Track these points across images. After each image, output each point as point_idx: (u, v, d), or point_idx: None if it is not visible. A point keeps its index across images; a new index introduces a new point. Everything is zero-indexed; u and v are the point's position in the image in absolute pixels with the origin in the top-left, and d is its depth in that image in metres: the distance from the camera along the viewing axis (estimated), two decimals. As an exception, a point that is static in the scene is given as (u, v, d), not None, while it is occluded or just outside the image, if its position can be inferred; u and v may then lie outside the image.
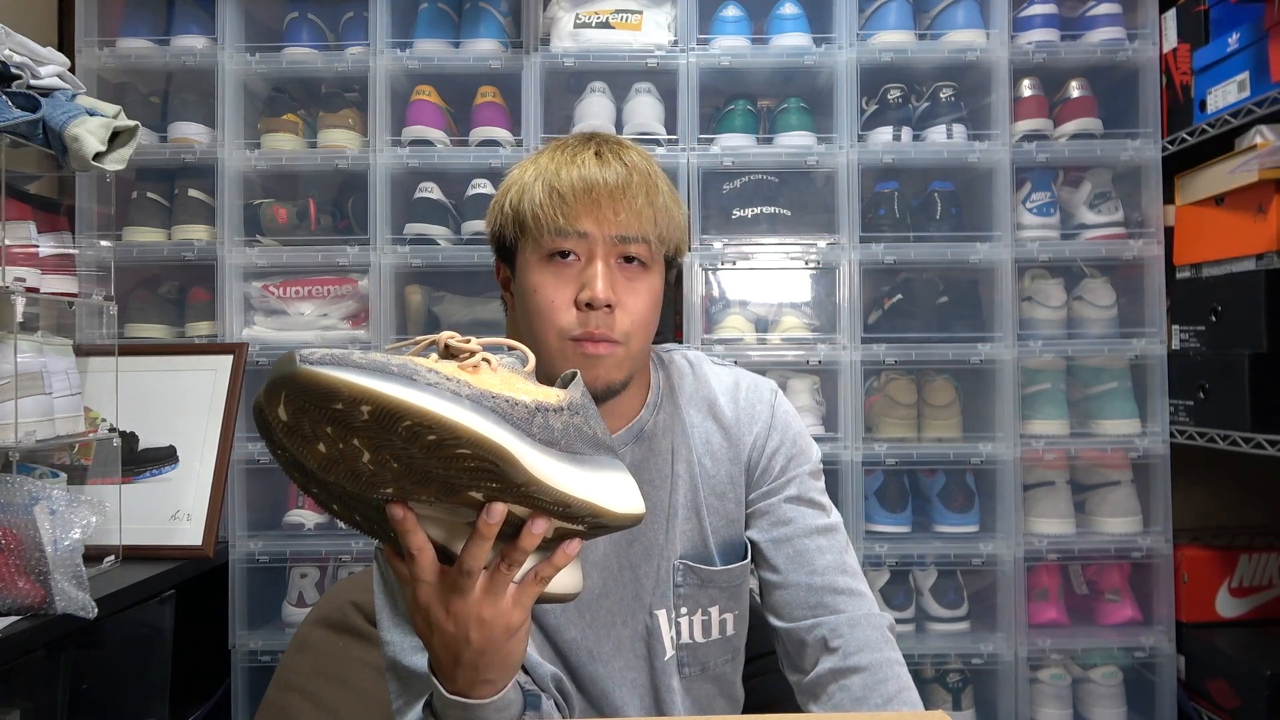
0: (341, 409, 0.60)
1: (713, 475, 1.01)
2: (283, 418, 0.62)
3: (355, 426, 0.61)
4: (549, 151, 0.94)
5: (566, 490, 0.67)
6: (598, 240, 0.89)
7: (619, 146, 0.94)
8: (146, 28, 1.97)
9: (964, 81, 2.00)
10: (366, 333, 1.94)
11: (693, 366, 1.06)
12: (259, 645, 1.87)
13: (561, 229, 0.89)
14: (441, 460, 0.63)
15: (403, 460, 0.63)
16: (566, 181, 0.89)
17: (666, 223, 0.92)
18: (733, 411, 1.02)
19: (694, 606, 1.00)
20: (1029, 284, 1.98)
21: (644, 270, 0.92)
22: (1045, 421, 1.93)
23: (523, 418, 0.66)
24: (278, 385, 0.61)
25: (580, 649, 0.98)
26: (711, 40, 1.96)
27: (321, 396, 0.60)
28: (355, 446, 0.63)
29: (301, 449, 0.64)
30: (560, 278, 0.90)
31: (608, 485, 0.71)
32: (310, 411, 0.61)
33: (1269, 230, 1.67)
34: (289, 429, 0.63)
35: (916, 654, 1.90)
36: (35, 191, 1.71)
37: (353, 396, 0.59)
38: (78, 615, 1.34)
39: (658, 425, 1.00)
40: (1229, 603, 1.96)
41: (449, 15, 1.99)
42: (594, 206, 0.89)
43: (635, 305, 0.91)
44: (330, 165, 1.95)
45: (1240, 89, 1.73)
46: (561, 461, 0.68)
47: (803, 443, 1.04)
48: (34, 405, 1.46)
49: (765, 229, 1.96)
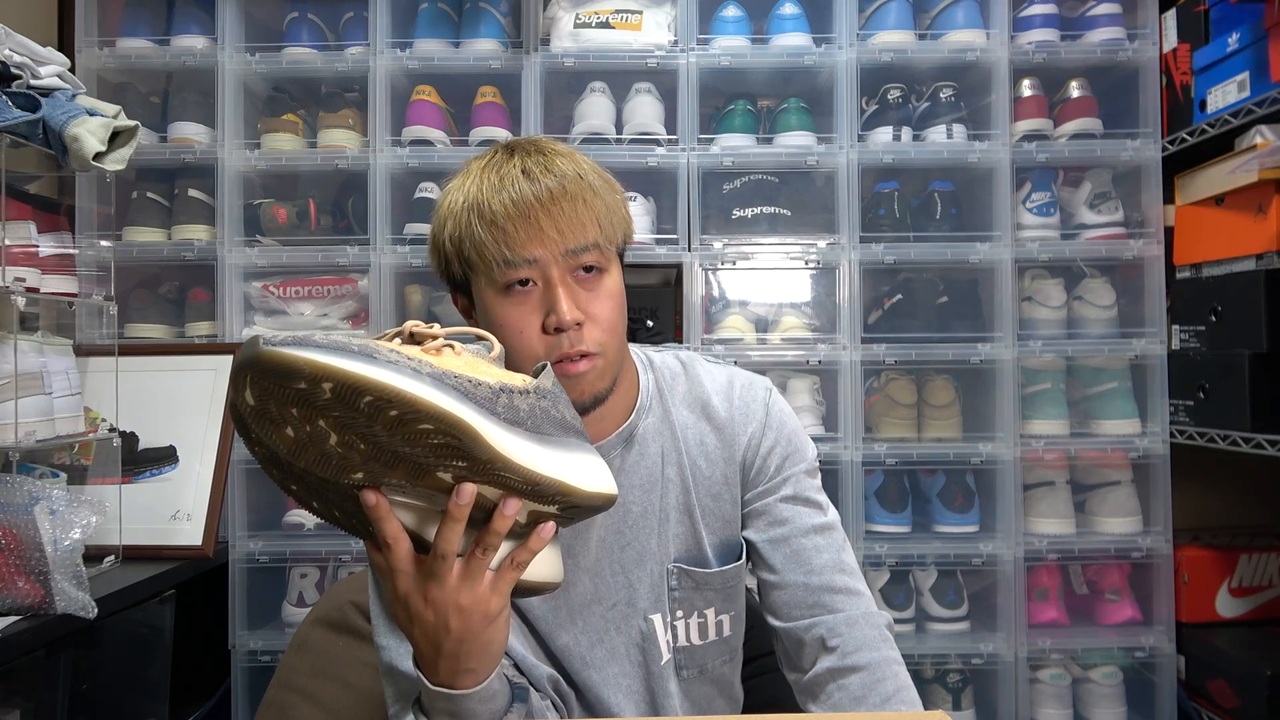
0: (304, 388, 0.62)
1: (707, 476, 1.00)
2: (249, 401, 0.64)
3: (319, 405, 0.63)
4: (474, 173, 0.90)
5: (534, 468, 0.68)
6: (550, 262, 0.87)
7: (543, 156, 0.90)
8: (146, 28, 1.97)
9: (964, 81, 2.00)
10: (366, 332, 1.93)
11: (685, 367, 1.04)
12: (259, 645, 1.87)
13: (510, 260, 0.86)
14: (405, 437, 0.64)
15: (368, 440, 0.65)
16: (500, 210, 0.86)
17: (610, 219, 0.90)
18: (727, 411, 1.01)
19: (690, 609, 1.00)
20: (1029, 284, 1.98)
21: (601, 275, 0.90)
22: (1045, 421, 1.93)
23: (486, 397, 0.68)
24: (243, 369, 0.63)
25: (573, 655, 0.98)
26: (711, 40, 1.96)
27: (284, 375, 0.61)
28: (322, 428, 0.64)
29: (271, 434, 0.65)
30: (523, 307, 0.88)
31: (576, 465, 0.71)
32: (275, 393, 0.63)
33: (1269, 230, 1.67)
34: (256, 413, 0.64)
35: (916, 654, 1.90)
36: (35, 191, 1.71)
37: (313, 374, 0.61)
38: (78, 615, 1.34)
39: (647, 429, 1.00)
40: (1229, 603, 1.96)
41: (449, 15, 1.99)
42: (536, 230, 0.86)
43: (602, 313, 0.89)
44: (330, 165, 1.95)
45: (1240, 89, 1.73)
46: (528, 440, 0.69)
47: (798, 441, 1.03)
48: (34, 405, 1.46)
49: (765, 229, 1.96)
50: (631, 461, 0.99)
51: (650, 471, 0.99)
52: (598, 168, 0.93)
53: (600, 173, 0.93)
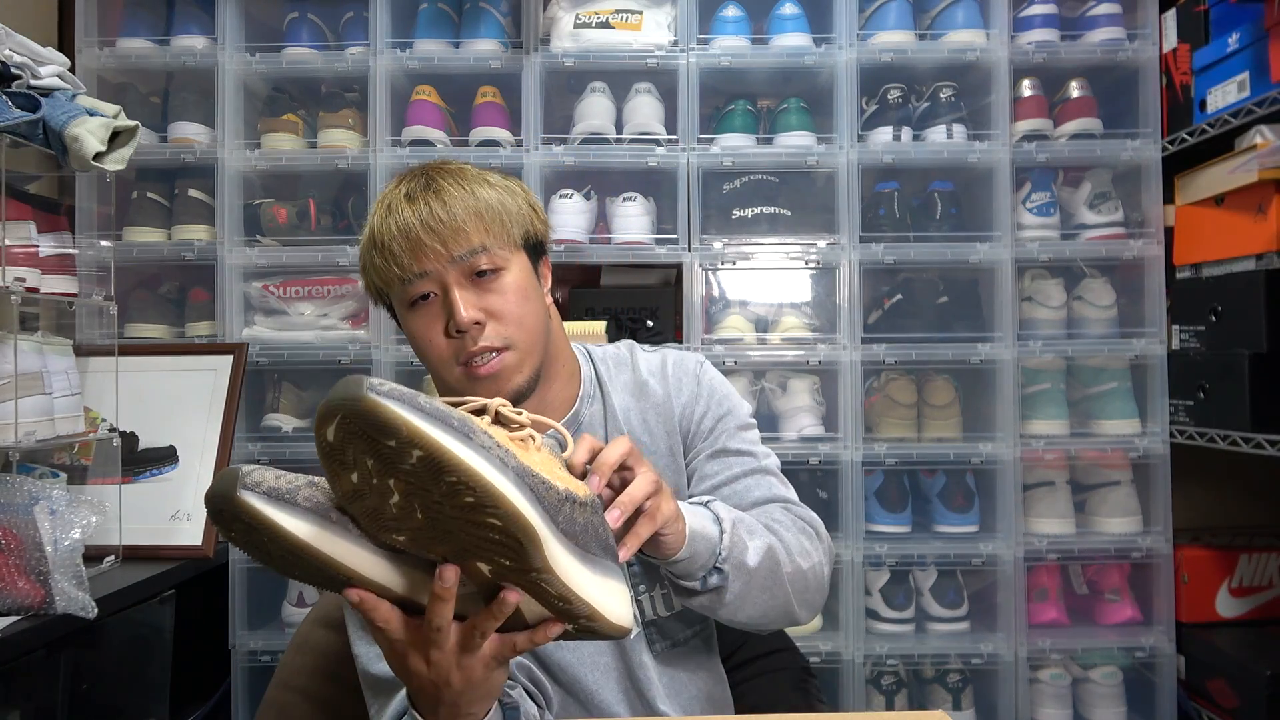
0: (394, 446, 0.60)
1: (651, 450, 1.04)
2: (329, 438, 0.62)
3: (401, 467, 0.61)
4: (377, 208, 0.97)
5: (574, 587, 0.66)
6: (442, 271, 0.93)
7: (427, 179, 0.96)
8: (146, 28, 1.97)
9: (964, 81, 2.00)
10: (366, 332, 1.94)
11: (627, 356, 1.10)
12: (259, 645, 1.87)
13: (404, 279, 0.93)
14: (470, 524, 0.62)
15: (430, 512, 0.63)
16: (389, 236, 0.93)
17: (500, 220, 0.95)
18: (662, 387, 1.06)
19: (651, 583, 1.01)
20: (1029, 284, 1.98)
21: (499, 273, 0.95)
22: (1045, 421, 1.93)
23: (554, 504, 0.66)
24: (336, 407, 0.60)
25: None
26: (711, 40, 1.96)
27: (379, 430, 0.59)
28: (389, 486, 0.62)
29: (335, 473, 0.64)
30: (427, 317, 0.95)
31: (609, 592, 0.70)
32: (360, 440, 0.61)
33: (1269, 230, 1.67)
34: (331, 450, 0.62)
35: (916, 654, 1.90)
36: (35, 191, 1.71)
37: (410, 438, 0.59)
38: (78, 615, 1.34)
39: (591, 417, 1.05)
40: (1229, 603, 1.95)
41: (449, 15, 1.99)
42: (419, 248, 0.92)
43: (505, 308, 0.94)
44: (330, 165, 1.95)
45: (1240, 89, 1.73)
46: (576, 558, 0.67)
47: (730, 403, 1.07)
48: (34, 405, 1.46)
49: (765, 229, 1.96)
50: None
51: None
52: (494, 174, 0.99)
53: (496, 179, 0.98)
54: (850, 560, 1.88)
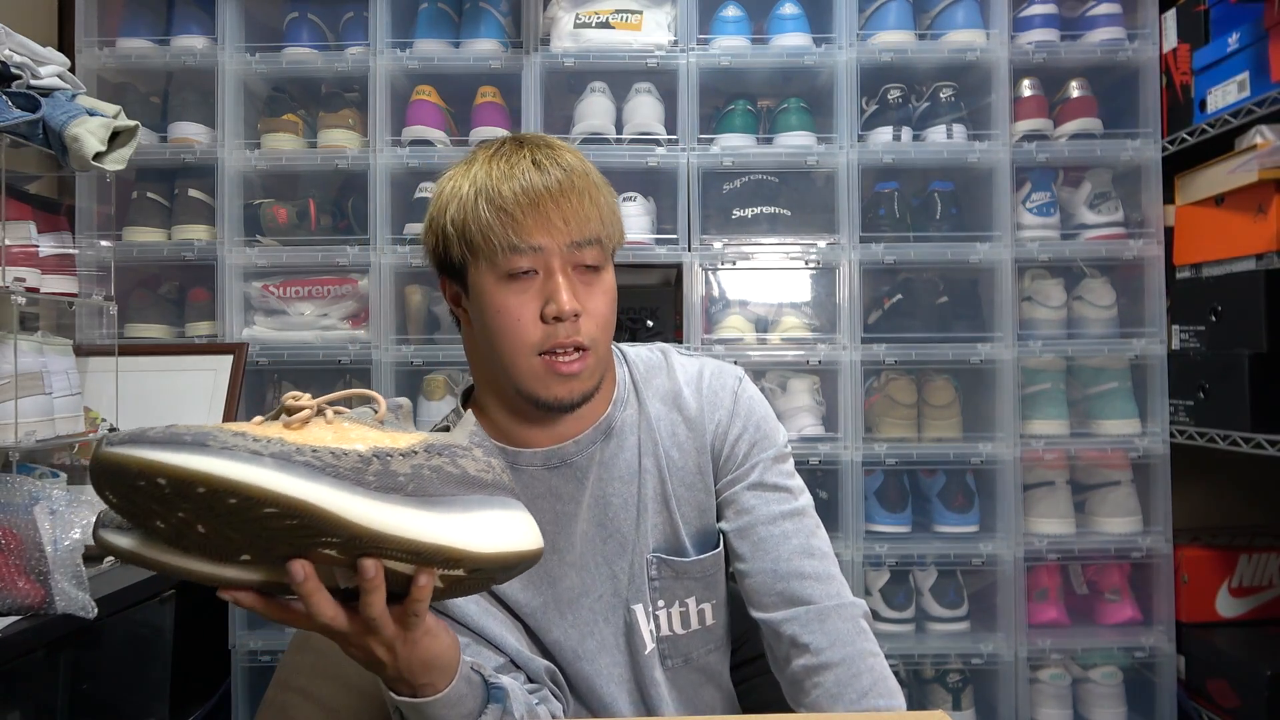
0: (145, 485, 0.60)
1: (680, 466, 1.01)
2: (114, 501, 0.63)
3: (169, 500, 0.60)
4: (481, 161, 0.92)
5: (411, 536, 0.64)
6: (553, 252, 0.89)
7: (551, 150, 0.92)
8: (146, 28, 1.97)
9: (964, 81, 2.00)
10: (366, 332, 1.94)
11: (663, 360, 1.06)
12: (259, 645, 1.87)
13: (515, 246, 0.88)
14: (256, 523, 0.61)
15: (232, 525, 0.62)
16: (510, 196, 0.88)
17: (611, 220, 0.93)
18: (696, 401, 1.01)
19: (670, 599, 1.00)
20: (1029, 284, 1.98)
21: (599, 273, 0.92)
22: (1045, 421, 1.93)
23: (351, 467, 0.63)
24: (94, 474, 0.61)
25: (565, 649, 0.98)
26: (711, 40, 1.96)
27: (124, 477, 0.60)
28: (183, 519, 0.62)
29: (150, 525, 0.64)
30: (523, 295, 0.89)
31: (472, 525, 0.66)
32: (128, 492, 0.61)
33: (1269, 230, 1.67)
34: (126, 511, 0.63)
35: (916, 654, 1.90)
36: (35, 191, 1.71)
37: (147, 472, 0.59)
38: (78, 615, 1.33)
39: (625, 421, 1.00)
40: (1229, 603, 1.95)
41: (449, 15, 1.99)
42: (543, 219, 0.88)
43: (598, 309, 0.91)
44: (330, 165, 1.95)
45: (1240, 89, 1.73)
46: (406, 506, 0.64)
47: (766, 427, 1.02)
48: (34, 405, 1.46)
49: (765, 229, 1.96)
50: (610, 453, 0.99)
51: (629, 463, 1.00)
52: (598, 171, 0.95)
53: (601, 175, 0.95)
54: (850, 560, 1.88)
